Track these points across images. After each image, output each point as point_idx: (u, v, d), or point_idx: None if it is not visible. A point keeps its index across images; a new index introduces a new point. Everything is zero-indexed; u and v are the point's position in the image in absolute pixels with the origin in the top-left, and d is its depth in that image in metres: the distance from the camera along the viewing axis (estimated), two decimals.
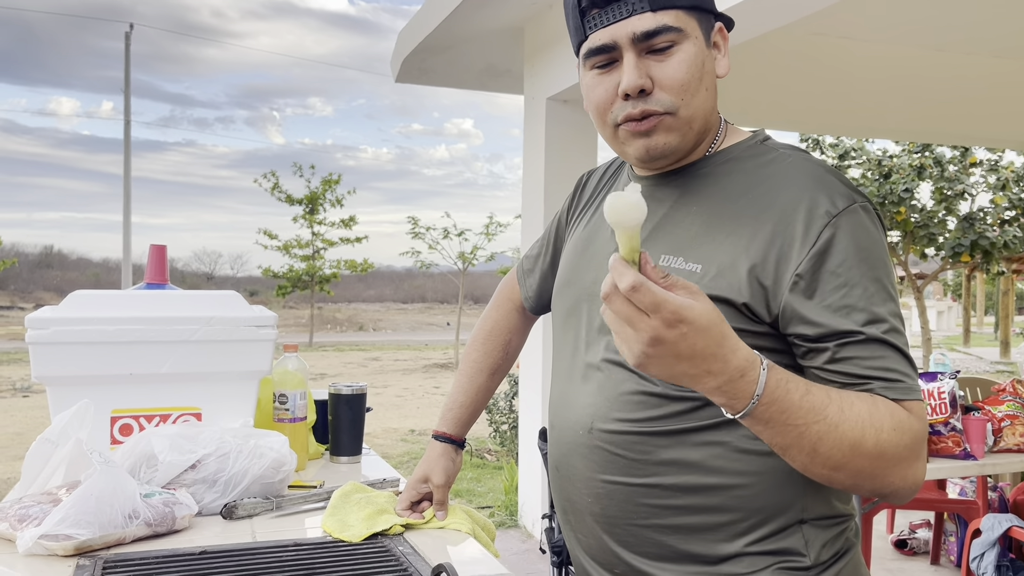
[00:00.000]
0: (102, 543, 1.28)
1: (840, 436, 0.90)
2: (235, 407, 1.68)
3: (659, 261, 1.06)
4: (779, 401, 0.86)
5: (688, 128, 1.06)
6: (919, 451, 0.97)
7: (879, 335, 0.97)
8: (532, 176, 4.63)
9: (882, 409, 0.94)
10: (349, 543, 1.34)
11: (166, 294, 1.69)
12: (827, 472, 0.93)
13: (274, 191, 18.96)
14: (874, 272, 0.99)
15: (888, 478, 0.95)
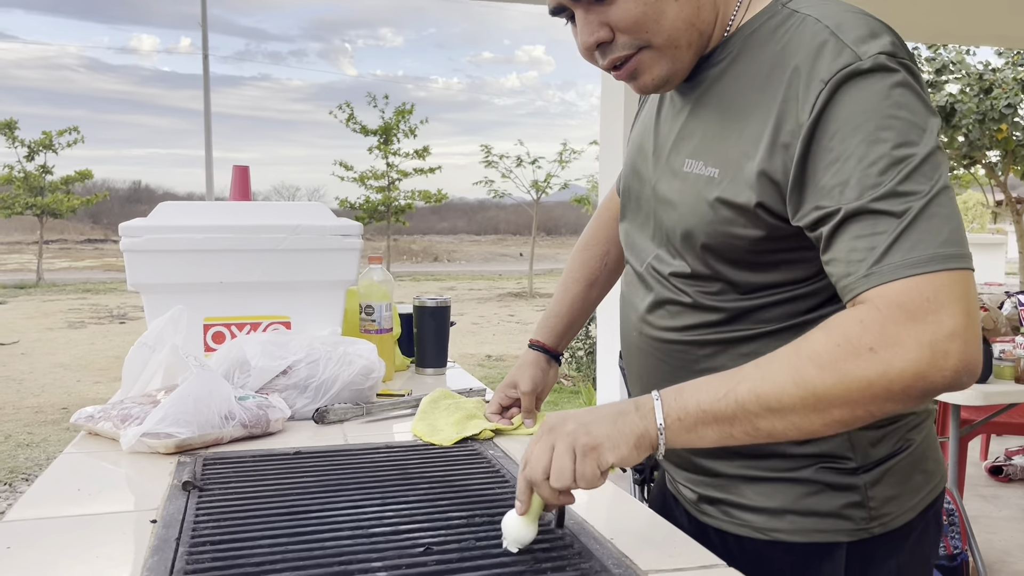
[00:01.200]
0: (201, 442, 1.31)
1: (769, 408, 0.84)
2: (323, 316, 1.68)
3: (683, 166, 1.03)
4: (671, 420, 0.87)
5: (673, 50, 0.98)
6: (889, 348, 0.80)
7: (868, 206, 0.83)
8: (611, 99, 4.50)
9: (815, 342, 0.84)
10: (440, 446, 1.33)
11: (253, 204, 1.69)
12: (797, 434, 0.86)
13: (349, 123, 19.07)
14: (875, 135, 0.84)
15: (869, 405, 0.82)
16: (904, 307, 0.80)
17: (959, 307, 0.80)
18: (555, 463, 0.87)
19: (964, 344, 0.79)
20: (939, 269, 0.80)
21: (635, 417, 0.89)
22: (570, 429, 0.88)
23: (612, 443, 0.87)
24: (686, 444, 0.89)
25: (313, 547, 0.91)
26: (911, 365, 0.79)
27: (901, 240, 0.82)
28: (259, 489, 1.11)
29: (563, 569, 0.86)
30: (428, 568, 0.86)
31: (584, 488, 0.88)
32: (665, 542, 0.95)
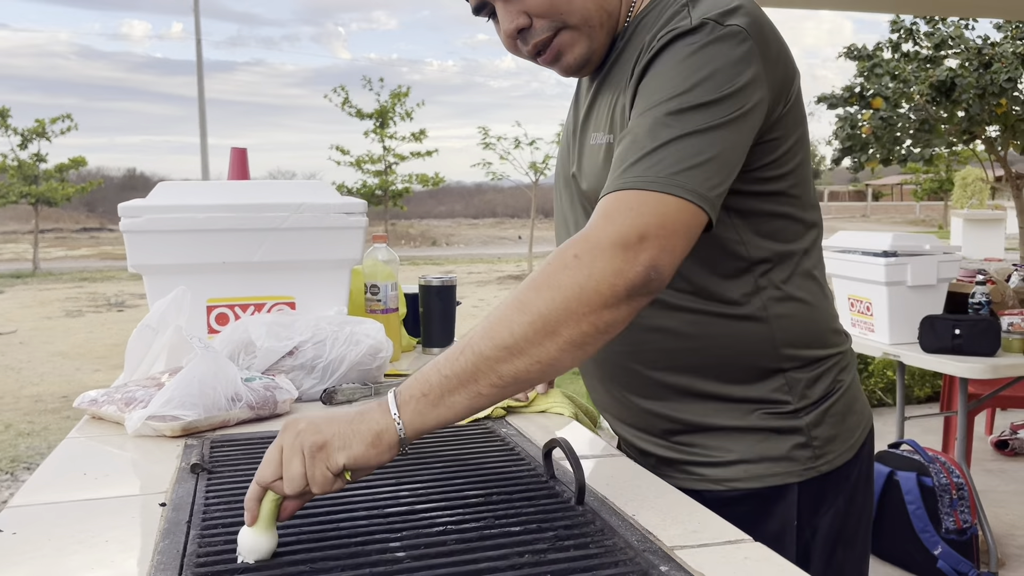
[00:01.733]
0: (207, 424, 1.28)
1: (505, 348, 0.86)
2: (328, 296, 1.65)
3: (589, 140, 1.11)
4: (415, 399, 0.86)
5: (589, 29, 1.07)
6: (590, 252, 0.86)
7: (629, 131, 0.93)
8: None
9: (534, 273, 0.89)
10: None
11: (254, 183, 1.66)
12: (540, 370, 0.87)
13: (344, 106, 18.94)
14: (665, 81, 0.94)
15: (588, 314, 0.85)
16: (607, 214, 0.88)
17: (654, 218, 0.87)
18: (285, 467, 0.83)
19: (654, 246, 0.86)
20: (653, 189, 0.88)
21: (375, 414, 0.86)
22: (300, 428, 0.85)
23: (342, 441, 0.84)
24: (437, 421, 0.87)
25: (328, 528, 0.89)
26: (608, 263, 0.85)
27: (636, 164, 0.90)
28: None
29: (586, 546, 0.84)
30: (448, 547, 0.84)
31: (318, 493, 0.84)
32: (688, 518, 0.93)
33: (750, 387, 1.09)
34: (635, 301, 0.88)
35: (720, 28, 0.95)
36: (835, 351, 1.13)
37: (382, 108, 19.08)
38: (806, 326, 1.10)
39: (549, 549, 0.83)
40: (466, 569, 0.79)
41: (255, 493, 0.84)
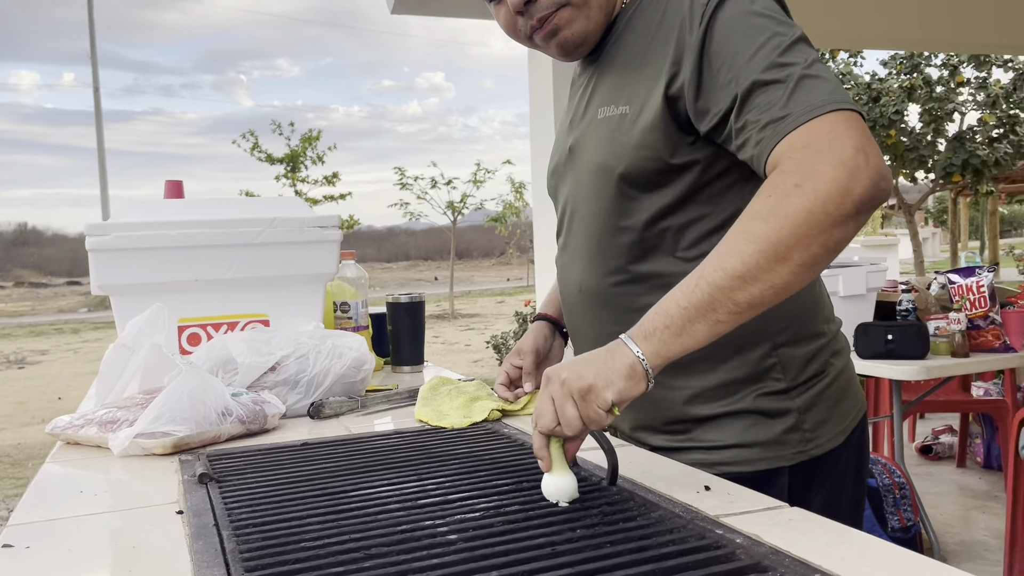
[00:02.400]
0: (198, 440, 1.23)
1: (739, 277, 0.89)
2: (303, 312, 1.62)
3: (597, 115, 1.14)
4: (658, 331, 0.90)
5: (587, 9, 1.12)
6: (811, 178, 0.88)
7: (757, 79, 0.95)
8: (540, 106, 4.52)
9: (752, 206, 0.91)
10: (452, 428, 1.29)
11: (225, 199, 1.62)
12: (774, 294, 0.90)
13: (254, 151, 18.61)
14: (748, 35, 0.98)
15: (818, 236, 0.88)
16: (810, 145, 0.90)
17: (856, 132, 0.90)
18: (560, 414, 0.90)
19: (868, 156, 0.88)
20: (831, 110, 0.91)
21: (623, 350, 0.91)
22: (564, 378, 0.90)
23: (605, 381, 0.89)
24: (682, 349, 0.91)
25: (368, 520, 0.86)
26: (833, 184, 0.87)
27: (792, 99, 0.93)
28: (283, 477, 1.05)
29: (634, 519, 0.84)
30: (496, 527, 0.83)
31: (595, 428, 0.91)
32: (720, 492, 0.94)
33: (744, 365, 1.10)
34: (863, 216, 0.90)
35: None
36: (827, 332, 1.15)
37: (293, 152, 18.83)
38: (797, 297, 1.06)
39: (599, 523, 0.83)
40: (523, 544, 0.78)
41: (541, 442, 0.92)
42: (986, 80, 11.47)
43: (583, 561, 0.73)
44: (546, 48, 1.16)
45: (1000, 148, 11.15)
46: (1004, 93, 11.36)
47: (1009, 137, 11.39)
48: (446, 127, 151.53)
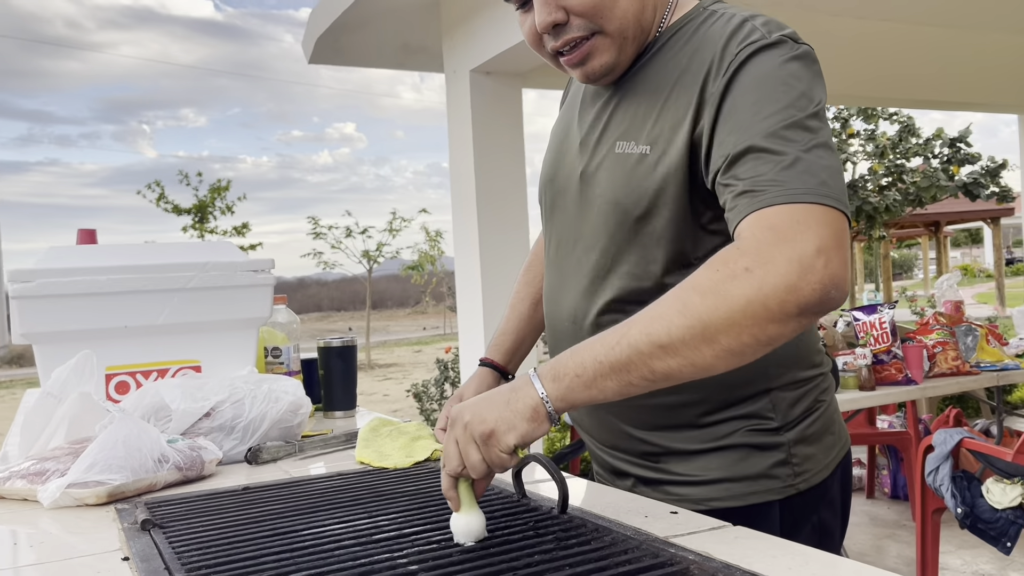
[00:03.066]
0: (134, 488, 1.20)
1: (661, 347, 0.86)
2: (236, 357, 1.60)
3: (614, 148, 1.09)
4: (568, 376, 0.89)
5: (622, 40, 1.07)
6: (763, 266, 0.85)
7: (755, 144, 0.92)
8: (460, 154, 4.59)
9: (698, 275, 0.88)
10: (395, 468, 1.29)
11: (155, 245, 1.60)
12: (692, 372, 0.88)
13: (160, 202, 18.15)
14: (768, 96, 0.94)
15: (752, 327, 0.85)
16: (775, 229, 0.87)
17: (827, 231, 0.86)
18: (465, 458, 0.90)
19: (828, 261, 0.85)
20: (812, 201, 0.88)
21: (527, 391, 0.90)
22: (467, 421, 0.90)
23: (507, 425, 0.88)
24: (588, 400, 0.90)
25: (324, 556, 0.86)
26: (782, 279, 0.84)
27: (781, 176, 0.90)
28: (229, 520, 1.04)
29: (588, 542, 0.87)
30: (456, 557, 0.84)
31: (500, 471, 0.91)
32: (668, 517, 0.97)
33: (737, 404, 1.09)
34: (806, 318, 0.86)
35: (798, 46, 0.98)
36: (818, 372, 1.14)
37: (201, 203, 18.44)
38: (796, 344, 1.09)
39: (556, 548, 0.85)
40: (485, 572, 0.79)
41: (449, 483, 0.92)
42: (874, 132, 12.20)
43: None
44: (569, 70, 1.11)
45: (889, 195, 11.84)
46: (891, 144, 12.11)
47: (897, 185, 12.11)
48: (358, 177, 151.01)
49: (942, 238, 21.78)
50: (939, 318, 3.56)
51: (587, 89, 1.20)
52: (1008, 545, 2.60)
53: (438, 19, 4.70)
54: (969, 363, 3.37)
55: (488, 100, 4.46)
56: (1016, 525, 2.60)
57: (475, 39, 4.36)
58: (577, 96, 1.24)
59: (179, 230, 18.55)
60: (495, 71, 4.43)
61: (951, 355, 3.31)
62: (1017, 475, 2.63)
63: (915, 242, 33.10)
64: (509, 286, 5.11)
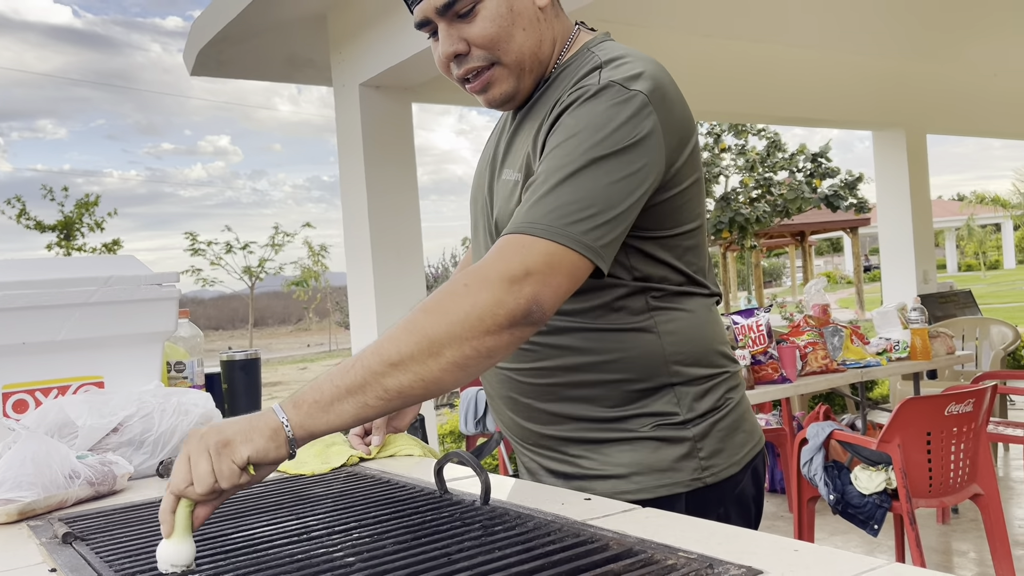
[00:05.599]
0: (45, 505, 1.18)
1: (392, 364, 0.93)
2: (140, 372, 1.58)
3: (502, 175, 1.20)
4: (307, 403, 0.93)
5: (520, 70, 1.15)
6: (477, 283, 0.95)
7: (538, 176, 1.02)
8: (351, 167, 4.59)
9: (428, 297, 0.98)
10: (313, 475, 1.32)
11: (57, 259, 1.56)
12: (423, 387, 0.94)
13: (20, 219, 17.12)
14: (573, 133, 1.03)
15: (471, 339, 0.93)
16: (500, 251, 0.98)
17: (544, 260, 0.96)
18: (193, 469, 0.87)
19: (537, 283, 0.95)
20: (545, 237, 0.97)
21: (270, 415, 0.93)
22: (203, 433, 0.90)
23: (244, 437, 0.89)
24: (327, 425, 0.93)
25: (259, 555, 0.89)
26: (492, 295, 0.94)
27: (532, 209, 1.00)
28: (152, 531, 1.04)
29: (513, 527, 0.93)
30: (390, 548, 0.88)
31: (228, 488, 0.88)
32: (583, 503, 1.04)
33: (643, 405, 1.15)
34: (517, 330, 0.95)
35: (625, 91, 1.04)
36: (722, 370, 1.20)
37: (67, 219, 17.51)
38: (693, 343, 1.16)
39: (483, 535, 0.91)
40: (420, 558, 0.84)
41: (169, 504, 0.87)
42: (744, 147, 12.90)
43: (479, 564, 0.81)
44: (475, 96, 1.19)
45: (760, 207, 12.53)
46: (759, 158, 12.83)
47: (766, 197, 12.83)
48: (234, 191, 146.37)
49: (807, 247, 23.13)
50: (809, 321, 3.81)
51: (506, 121, 1.28)
52: (875, 527, 2.83)
53: (326, 33, 4.69)
54: (837, 361, 3.63)
55: (378, 113, 4.49)
56: (882, 509, 2.83)
57: (364, 53, 4.38)
58: (501, 124, 1.32)
59: (43, 248, 17.56)
60: (385, 85, 4.47)
61: (821, 354, 3.55)
62: (881, 462, 2.86)
63: (783, 251, 35.00)
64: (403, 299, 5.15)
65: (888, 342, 3.89)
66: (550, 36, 1.17)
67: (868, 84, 6.49)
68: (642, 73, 1.08)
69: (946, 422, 2.80)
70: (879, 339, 3.98)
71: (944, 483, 2.84)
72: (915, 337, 3.84)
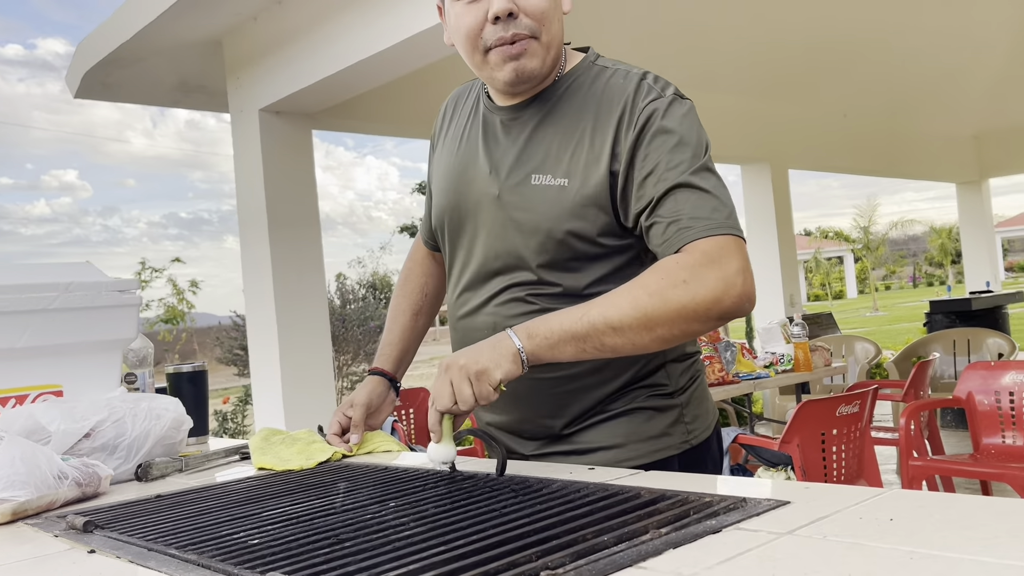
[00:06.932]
0: (36, 506, 1.15)
1: (613, 327, 1.09)
2: (100, 380, 1.54)
3: (530, 180, 1.25)
4: (539, 337, 1.11)
5: (547, 53, 1.24)
6: (697, 281, 1.09)
7: (682, 181, 1.15)
8: (249, 193, 4.52)
9: (646, 278, 1.11)
10: (302, 470, 1.34)
11: (13, 265, 1.51)
12: (632, 349, 1.12)
13: None
14: (676, 146, 1.17)
15: (682, 323, 1.09)
16: (708, 254, 1.12)
17: (742, 256, 1.14)
18: (458, 393, 1.10)
19: (744, 280, 1.12)
20: (729, 233, 1.14)
21: (507, 342, 1.12)
22: (462, 363, 1.10)
23: (495, 363, 1.10)
24: (551, 357, 1.12)
25: (316, 523, 0.92)
26: (711, 293, 1.10)
27: (699, 211, 1.14)
28: (174, 518, 1.04)
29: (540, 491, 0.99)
30: (432, 509, 0.93)
31: (483, 403, 1.11)
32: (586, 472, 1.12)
33: (640, 380, 1.28)
34: (724, 320, 1.12)
35: (685, 102, 1.22)
36: (696, 350, 1.38)
37: None
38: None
39: (519, 495, 0.97)
40: (471, 513, 0.89)
41: (436, 418, 1.12)
42: None
43: (532, 514, 0.87)
44: (498, 67, 1.23)
45: None
46: None
47: None
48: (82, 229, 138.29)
49: None
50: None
51: (489, 128, 1.34)
52: None
53: (221, 58, 4.63)
54: (731, 374, 3.86)
55: (278, 140, 4.46)
56: None
57: (263, 79, 4.36)
58: (475, 132, 1.36)
59: None
60: (285, 111, 4.45)
61: (717, 367, 3.78)
62: (780, 463, 3.07)
63: None
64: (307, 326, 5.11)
65: (774, 356, 4.17)
66: (562, 39, 1.28)
67: (736, 121, 6.96)
68: (675, 86, 1.25)
69: (837, 422, 3.04)
70: (765, 353, 4.26)
71: (838, 480, 3.08)
72: (798, 351, 4.15)
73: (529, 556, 0.73)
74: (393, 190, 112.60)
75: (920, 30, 6.37)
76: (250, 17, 4.32)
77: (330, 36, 3.87)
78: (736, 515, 0.81)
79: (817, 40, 6.20)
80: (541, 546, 0.75)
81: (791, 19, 5.80)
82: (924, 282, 46.54)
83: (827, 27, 6.05)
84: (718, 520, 0.80)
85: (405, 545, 0.79)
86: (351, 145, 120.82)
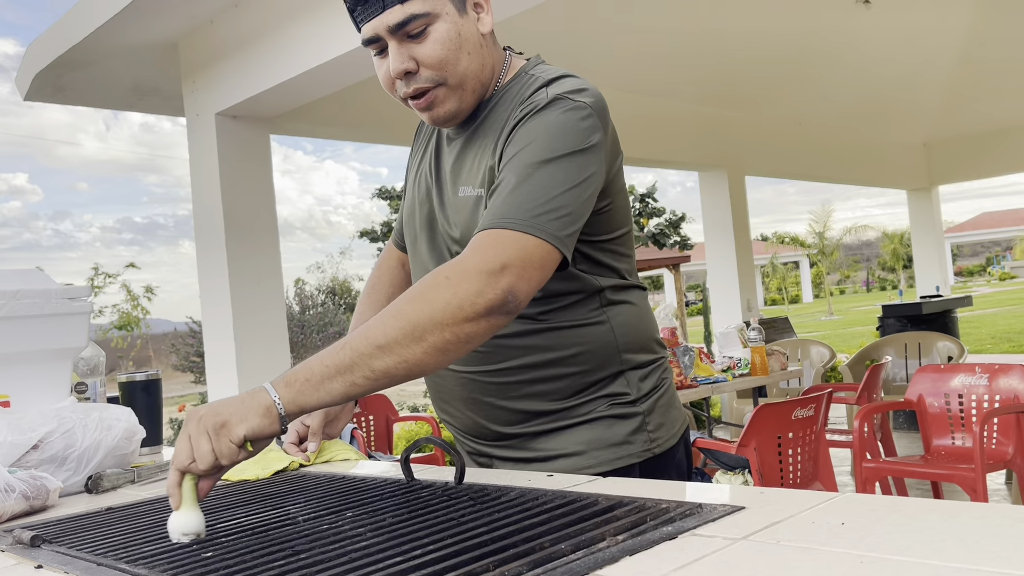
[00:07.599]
0: None
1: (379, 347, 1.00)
2: (49, 389, 1.51)
3: (459, 192, 1.27)
4: (299, 382, 0.99)
5: (462, 91, 1.23)
6: (459, 275, 1.03)
7: (508, 178, 1.11)
8: (206, 199, 4.46)
9: (412, 287, 1.05)
10: (257, 479, 1.32)
11: None
12: (407, 368, 1.01)
13: None
14: (531, 141, 1.13)
15: (452, 325, 1.01)
16: (477, 247, 1.07)
17: (518, 253, 1.05)
18: (195, 449, 0.95)
19: (512, 275, 1.04)
20: (517, 229, 1.07)
21: (262, 393, 0.99)
22: (201, 414, 0.97)
23: (239, 417, 0.97)
24: (318, 402, 1.01)
25: (271, 534, 0.91)
26: (472, 285, 1.02)
27: (503, 207, 1.09)
28: (122, 531, 1.02)
29: (499, 499, 0.99)
30: (389, 520, 0.93)
31: (227, 464, 0.97)
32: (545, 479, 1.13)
33: (598, 389, 1.26)
34: (493, 318, 1.04)
35: (572, 102, 1.16)
36: (658, 356, 1.34)
37: None
38: (638, 332, 1.30)
39: (475, 505, 0.97)
40: (429, 522, 0.89)
41: (175, 479, 0.95)
42: None
43: (489, 523, 0.87)
44: (420, 114, 1.25)
45: None
46: None
47: None
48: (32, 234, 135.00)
49: None
50: None
51: (442, 140, 1.35)
52: None
53: (176, 62, 4.56)
54: (689, 378, 3.90)
55: (235, 144, 4.41)
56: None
57: (220, 83, 4.30)
58: (431, 144, 1.38)
59: None
60: (242, 115, 4.40)
61: (675, 372, 3.81)
62: (737, 466, 3.11)
63: None
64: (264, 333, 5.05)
65: (731, 360, 4.22)
66: (490, 61, 1.27)
67: (694, 129, 7.04)
68: (586, 89, 1.20)
69: (793, 426, 3.09)
70: (723, 357, 4.31)
71: (794, 482, 3.12)
72: (755, 355, 4.20)
73: (486, 565, 0.72)
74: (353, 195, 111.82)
75: (872, 39, 6.51)
76: (206, 20, 4.27)
77: (288, 40, 3.84)
78: (692, 521, 0.82)
79: (772, 49, 6.31)
80: (498, 555, 0.75)
81: (747, 28, 5.89)
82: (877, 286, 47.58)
83: (782, 36, 6.16)
84: (675, 526, 0.81)
85: (361, 556, 0.79)
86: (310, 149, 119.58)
